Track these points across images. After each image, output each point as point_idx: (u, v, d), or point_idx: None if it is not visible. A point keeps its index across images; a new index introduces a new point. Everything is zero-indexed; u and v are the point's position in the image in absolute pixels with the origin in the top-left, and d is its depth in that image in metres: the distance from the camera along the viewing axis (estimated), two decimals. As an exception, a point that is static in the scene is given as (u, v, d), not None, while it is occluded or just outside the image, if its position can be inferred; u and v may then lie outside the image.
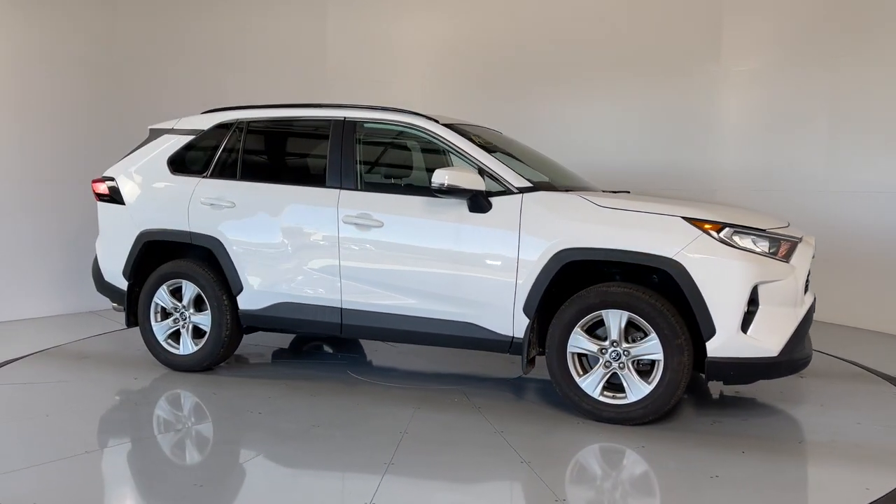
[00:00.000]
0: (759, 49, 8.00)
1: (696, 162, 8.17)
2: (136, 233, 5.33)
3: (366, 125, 5.01)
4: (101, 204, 5.59)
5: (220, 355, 5.22)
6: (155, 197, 5.37)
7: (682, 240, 4.04)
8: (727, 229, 4.06)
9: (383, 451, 3.81)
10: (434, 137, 4.79)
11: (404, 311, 4.65)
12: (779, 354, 4.01)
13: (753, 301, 4.01)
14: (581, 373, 4.28)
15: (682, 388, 4.09)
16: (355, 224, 4.72)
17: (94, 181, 5.65)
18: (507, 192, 4.46)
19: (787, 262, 4.12)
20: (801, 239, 4.28)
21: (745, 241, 4.06)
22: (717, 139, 8.14)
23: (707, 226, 4.07)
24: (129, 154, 5.65)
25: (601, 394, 4.22)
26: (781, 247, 4.13)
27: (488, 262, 4.41)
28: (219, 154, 5.27)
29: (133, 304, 5.41)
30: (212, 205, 5.12)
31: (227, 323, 5.11)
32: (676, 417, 4.39)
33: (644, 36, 8.35)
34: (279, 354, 6.03)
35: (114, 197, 5.48)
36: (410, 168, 5.58)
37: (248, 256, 5.01)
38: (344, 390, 4.94)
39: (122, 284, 5.43)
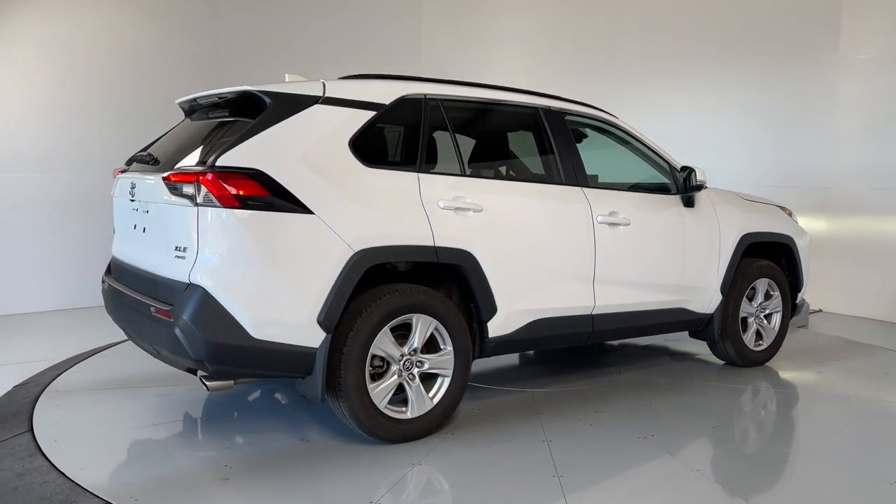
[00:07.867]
0: (882, 36, 7.28)
1: (809, 157, 7.72)
2: (350, 253, 3.47)
3: (567, 117, 4.60)
4: (244, 213, 3.30)
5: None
6: (367, 200, 3.57)
7: (789, 222, 5.58)
8: (793, 213, 5.79)
9: (544, 465, 3.55)
10: (628, 136, 4.87)
11: (639, 307, 4.72)
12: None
13: None
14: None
15: (786, 330, 5.68)
16: (608, 224, 4.46)
17: (218, 176, 3.29)
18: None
19: None
20: None
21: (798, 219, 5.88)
22: (833, 133, 7.58)
23: (785, 211, 5.71)
24: (253, 133, 3.45)
25: (754, 345, 5.43)
26: None
27: (703, 250, 4.99)
28: (424, 140, 3.89)
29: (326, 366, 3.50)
30: (456, 209, 3.84)
31: (472, 360, 3.97)
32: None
33: (754, 23, 7.80)
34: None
35: (277, 201, 3.36)
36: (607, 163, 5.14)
37: (502, 271, 4.03)
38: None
39: (299, 339, 3.41)
